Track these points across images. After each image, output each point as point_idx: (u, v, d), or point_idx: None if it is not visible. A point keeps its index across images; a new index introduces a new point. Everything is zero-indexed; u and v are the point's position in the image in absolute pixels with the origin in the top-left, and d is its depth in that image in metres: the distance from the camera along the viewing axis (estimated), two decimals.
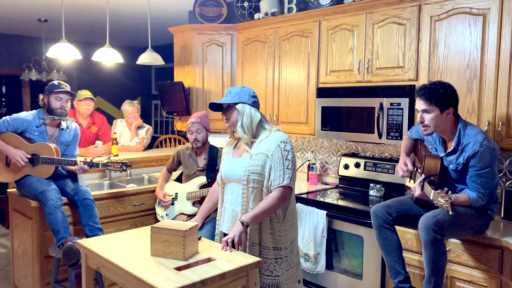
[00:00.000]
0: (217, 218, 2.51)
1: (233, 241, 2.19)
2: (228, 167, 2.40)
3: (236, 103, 2.33)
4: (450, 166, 2.41)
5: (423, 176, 2.37)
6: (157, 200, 3.53)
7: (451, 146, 2.40)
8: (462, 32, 2.71)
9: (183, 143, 5.54)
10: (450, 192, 2.14)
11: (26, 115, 3.25)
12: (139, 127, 4.78)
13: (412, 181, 2.59)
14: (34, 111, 3.31)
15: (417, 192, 2.39)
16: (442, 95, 2.30)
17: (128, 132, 4.73)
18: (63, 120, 3.31)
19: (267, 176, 2.27)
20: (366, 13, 3.18)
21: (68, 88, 3.30)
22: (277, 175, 2.25)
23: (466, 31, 2.69)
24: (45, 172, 3.18)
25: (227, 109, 2.37)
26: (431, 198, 2.21)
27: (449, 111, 2.34)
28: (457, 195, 2.35)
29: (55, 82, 3.31)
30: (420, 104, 2.36)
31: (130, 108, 4.73)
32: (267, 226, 2.29)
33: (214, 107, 2.41)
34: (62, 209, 3.02)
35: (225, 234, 2.44)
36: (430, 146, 2.56)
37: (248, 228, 2.23)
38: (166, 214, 3.47)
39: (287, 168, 2.25)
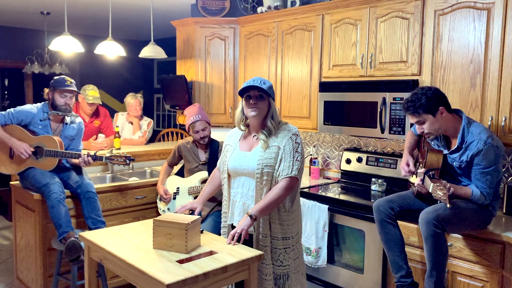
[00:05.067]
0: (223, 211, 2.50)
1: (240, 234, 2.21)
2: (237, 160, 2.39)
3: (270, 97, 2.35)
4: (454, 163, 2.41)
5: (424, 169, 2.37)
6: (159, 194, 3.54)
7: (454, 143, 2.40)
8: (466, 27, 2.70)
9: (185, 137, 5.54)
10: (449, 185, 2.14)
11: (31, 107, 3.24)
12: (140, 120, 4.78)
13: (414, 176, 2.59)
14: (39, 104, 3.28)
15: (416, 184, 2.40)
16: (426, 102, 2.31)
17: (129, 126, 4.73)
18: (67, 116, 3.31)
19: (277, 167, 2.30)
20: (370, 7, 3.16)
21: (73, 85, 3.25)
22: (286, 166, 2.28)
23: (470, 25, 2.68)
24: (49, 164, 3.18)
25: (259, 98, 2.33)
26: (430, 191, 2.21)
27: (441, 111, 2.34)
28: (460, 186, 2.36)
29: (61, 78, 3.25)
30: (411, 118, 2.41)
31: (133, 100, 4.72)
32: (275, 217, 2.32)
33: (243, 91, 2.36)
34: (65, 203, 3.03)
35: (234, 227, 2.43)
36: (433, 143, 2.56)
37: (256, 220, 2.25)
38: (168, 209, 3.48)
39: (296, 160, 2.29)
